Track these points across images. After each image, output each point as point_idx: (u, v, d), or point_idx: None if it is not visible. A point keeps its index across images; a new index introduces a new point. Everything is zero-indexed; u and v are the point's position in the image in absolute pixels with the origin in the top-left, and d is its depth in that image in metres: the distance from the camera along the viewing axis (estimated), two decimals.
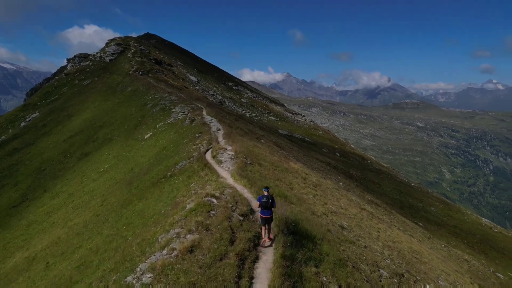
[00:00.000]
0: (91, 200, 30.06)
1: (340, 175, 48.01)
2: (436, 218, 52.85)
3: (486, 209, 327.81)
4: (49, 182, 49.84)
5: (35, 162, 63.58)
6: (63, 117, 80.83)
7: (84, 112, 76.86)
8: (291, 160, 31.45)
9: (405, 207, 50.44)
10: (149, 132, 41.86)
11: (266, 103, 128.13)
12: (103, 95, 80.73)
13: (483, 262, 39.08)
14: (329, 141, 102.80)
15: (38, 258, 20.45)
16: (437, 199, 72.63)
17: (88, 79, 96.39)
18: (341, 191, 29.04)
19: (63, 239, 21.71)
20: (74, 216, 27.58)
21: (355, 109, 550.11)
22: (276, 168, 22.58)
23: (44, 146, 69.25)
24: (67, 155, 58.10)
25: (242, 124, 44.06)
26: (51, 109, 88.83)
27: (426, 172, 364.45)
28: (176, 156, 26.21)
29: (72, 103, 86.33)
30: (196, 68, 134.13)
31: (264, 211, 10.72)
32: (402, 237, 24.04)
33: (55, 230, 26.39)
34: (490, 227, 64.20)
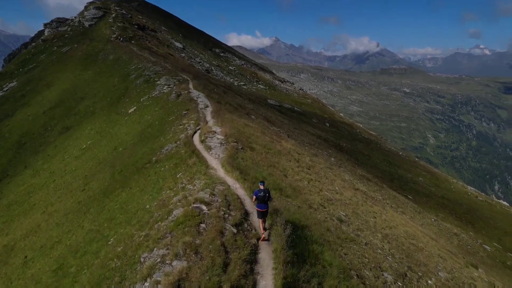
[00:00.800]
0: (73, 181, 28.60)
1: (331, 149, 47.24)
2: (425, 189, 53.16)
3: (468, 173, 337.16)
4: (29, 157, 47.86)
5: (15, 135, 61.03)
6: (42, 87, 77.23)
7: (64, 82, 73.38)
8: (283, 138, 30.23)
9: (395, 179, 50.40)
10: (133, 106, 39.83)
11: (254, 71, 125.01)
12: (83, 64, 76.94)
13: (471, 235, 39.57)
14: (318, 110, 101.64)
15: (17, 249, 19.25)
16: (424, 169, 73.22)
17: (67, 46, 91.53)
18: (334, 170, 28.19)
19: (43, 228, 20.46)
20: (55, 200, 26.21)
21: (343, 75, 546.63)
22: (268, 151, 21.36)
23: (24, 118, 66.37)
24: (48, 128, 55.74)
25: (231, 97, 42.29)
26: (29, 78, 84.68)
27: (411, 137, 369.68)
28: (161, 137, 24.69)
29: (51, 71, 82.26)
30: (182, 34, 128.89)
31: (260, 205, 10.69)
32: (397, 218, 23.52)
33: (35, 214, 25.07)
34: (476, 196, 65.34)
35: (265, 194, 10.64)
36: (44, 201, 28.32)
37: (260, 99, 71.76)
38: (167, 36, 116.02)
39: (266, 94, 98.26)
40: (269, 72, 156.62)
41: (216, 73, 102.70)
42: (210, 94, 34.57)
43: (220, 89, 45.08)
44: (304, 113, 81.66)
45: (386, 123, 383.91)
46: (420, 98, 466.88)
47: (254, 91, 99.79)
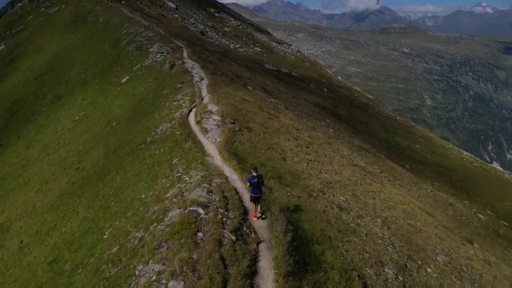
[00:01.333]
0: (67, 157, 28.09)
1: (329, 118, 46.61)
2: (421, 157, 53.26)
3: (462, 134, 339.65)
4: (22, 127, 46.96)
5: (6, 102, 59.67)
6: (31, 51, 74.62)
7: (53, 46, 70.80)
8: (281, 112, 29.49)
9: (392, 147, 50.28)
10: (125, 75, 38.52)
11: (251, 32, 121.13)
12: (73, 26, 73.91)
13: (465, 203, 40.07)
14: (316, 74, 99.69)
15: (12, 232, 19.08)
16: (421, 135, 73.10)
17: (55, 6, 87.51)
18: (333, 145, 27.77)
19: (38, 209, 20.19)
20: (49, 177, 25.83)
21: (341, 34, 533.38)
22: (266, 131, 20.76)
23: (14, 85, 64.61)
24: (39, 96, 54.35)
25: (227, 65, 40.90)
26: (17, 41, 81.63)
27: (408, 98, 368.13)
28: (156, 113, 23.92)
29: (39, 35, 79.16)
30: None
31: (254, 191, 11.12)
32: (395, 195, 23.45)
33: (30, 192, 24.77)
34: (471, 162, 65.78)
35: (258, 180, 11.10)
36: (39, 176, 27.94)
37: (257, 64, 69.93)
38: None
39: (263, 58, 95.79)
40: (266, 33, 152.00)
41: (211, 35, 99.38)
42: (205, 64, 33.29)
43: (216, 57, 43.54)
44: (302, 78, 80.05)
45: (383, 84, 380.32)
46: (419, 58, 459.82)
47: (251, 54, 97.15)
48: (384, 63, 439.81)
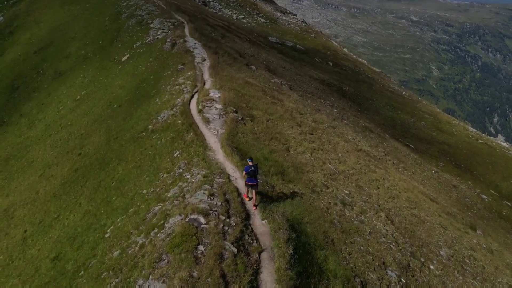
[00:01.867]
0: (69, 139, 27.92)
1: (334, 95, 45.82)
2: (426, 135, 52.72)
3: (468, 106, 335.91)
4: (24, 104, 46.62)
5: (7, 78, 59.06)
6: (30, 23, 73.09)
7: (53, 18, 69.18)
8: (285, 94, 28.87)
9: (397, 125, 49.70)
10: (126, 53, 37.65)
11: (254, 2, 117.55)
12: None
13: (469, 184, 39.95)
14: (321, 47, 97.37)
15: (16, 219, 19.21)
16: (427, 110, 72.11)
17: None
18: (337, 129, 27.35)
19: (41, 196, 20.23)
20: (52, 160, 25.77)
21: (348, 2, 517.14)
22: (269, 118, 20.32)
23: (15, 58, 63.73)
24: (40, 72, 53.63)
25: (230, 42, 39.79)
26: (15, 12, 79.77)
27: (415, 69, 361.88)
28: (157, 97, 23.45)
29: (38, 6, 77.20)
30: None
31: (250, 179, 11.51)
32: (399, 181, 23.27)
33: (33, 176, 24.81)
34: (476, 139, 65.16)
35: (254, 170, 11.46)
36: (42, 159, 27.90)
37: (261, 38, 68.22)
38: None
39: (267, 30, 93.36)
40: (270, 1, 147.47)
41: (213, 6, 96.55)
42: (207, 42, 32.32)
43: (218, 32, 42.31)
44: (306, 52, 78.27)
45: (390, 54, 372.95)
46: (427, 27, 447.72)
47: (254, 25, 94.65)
48: (391, 32, 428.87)
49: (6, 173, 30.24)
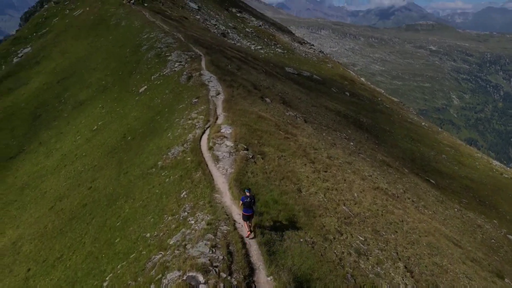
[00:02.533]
0: (82, 170, 27.97)
1: (351, 127, 45.05)
2: (448, 169, 50.91)
3: (491, 136, 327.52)
4: (44, 132, 47.65)
5: (30, 105, 60.97)
6: (56, 54, 76.08)
7: (77, 49, 71.87)
8: (299, 127, 28.39)
9: (416, 159, 48.22)
10: (143, 84, 38.26)
11: (272, 33, 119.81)
12: (96, 30, 74.77)
13: (495, 223, 37.87)
14: (338, 77, 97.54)
15: (22, 255, 18.91)
16: (448, 142, 70.18)
17: (79, 9, 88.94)
18: (353, 165, 26.48)
19: (49, 231, 19.98)
20: (63, 192, 25.73)
21: (366, 32, 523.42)
22: (282, 155, 19.75)
23: (39, 87, 66.00)
24: (62, 101, 55.11)
25: (246, 74, 40.00)
26: (43, 43, 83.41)
27: (435, 98, 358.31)
28: (169, 131, 23.31)
29: (64, 37, 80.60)
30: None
31: (246, 210, 11.79)
32: (419, 223, 22.03)
33: (44, 208, 24.73)
34: (501, 173, 62.61)
35: (250, 200, 11.79)
36: (55, 190, 27.95)
37: (278, 68, 68.78)
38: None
39: (284, 60, 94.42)
40: (288, 32, 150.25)
41: (232, 37, 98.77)
42: (223, 76, 32.47)
43: (235, 64, 42.72)
44: (323, 82, 78.34)
45: (408, 83, 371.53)
46: (446, 56, 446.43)
47: (272, 56, 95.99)
48: (410, 61, 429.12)
49: (20, 203, 30.40)
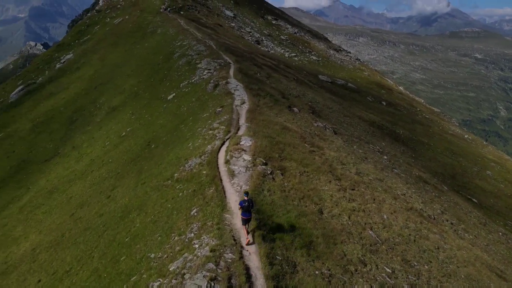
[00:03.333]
0: (106, 177, 27.93)
1: (385, 139, 42.71)
2: (493, 187, 47.03)
3: None
4: (78, 137, 48.91)
5: (69, 110, 63.11)
6: (96, 61, 78.70)
7: (115, 56, 73.98)
8: (327, 140, 26.86)
9: (457, 175, 44.91)
10: (172, 92, 38.18)
11: (307, 40, 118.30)
12: (133, 37, 76.75)
13: None
14: (375, 85, 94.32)
15: (37, 264, 18.77)
16: (494, 157, 65.31)
17: (119, 17, 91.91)
18: (385, 182, 24.57)
19: (65, 241, 19.77)
20: (86, 199, 25.71)
21: (406, 39, 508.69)
22: (304, 170, 18.41)
23: (77, 93, 68.31)
24: (97, 106, 56.55)
25: (275, 82, 38.95)
26: (84, 50, 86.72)
27: (480, 108, 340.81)
28: (190, 141, 22.62)
29: (103, 45, 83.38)
30: (233, 0, 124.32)
31: (245, 213, 12.04)
32: (457, 251, 19.83)
33: (66, 215, 24.75)
34: None
35: (248, 204, 12.06)
36: (79, 196, 28.09)
37: (311, 76, 67.25)
38: (218, 4, 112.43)
39: (318, 68, 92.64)
40: (324, 39, 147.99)
41: (266, 44, 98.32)
42: (250, 84, 31.58)
43: (264, 72, 41.80)
44: (358, 90, 75.79)
45: (451, 92, 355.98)
46: (493, 65, 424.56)
47: (306, 63, 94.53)
48: (453, 69, 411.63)
49: (47, 207, 30.90)
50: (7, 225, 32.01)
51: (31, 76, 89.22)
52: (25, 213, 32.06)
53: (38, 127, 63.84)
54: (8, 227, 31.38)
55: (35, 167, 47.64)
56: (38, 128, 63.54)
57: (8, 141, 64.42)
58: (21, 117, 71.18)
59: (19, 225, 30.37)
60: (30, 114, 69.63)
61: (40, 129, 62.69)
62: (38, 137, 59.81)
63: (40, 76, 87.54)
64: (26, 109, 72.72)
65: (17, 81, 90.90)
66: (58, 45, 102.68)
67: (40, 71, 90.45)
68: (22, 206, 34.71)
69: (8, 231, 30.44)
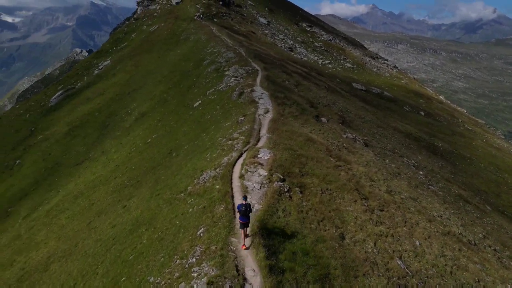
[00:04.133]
0: (127, 185, 27.53)
1: (422, 153, 39.93)
2: None
3: None
4: (108, 142, 49.55)
5: (102, 115, 64.48)
6: (131, 67, 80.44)
7: (149, 62, 75.23)
8: (356, 153, 25.03)
9: (502, 193, 41.16)
10: (198, 99, 37.63)
11: (342, 47, 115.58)
12: (167, 44, 77.85)
13: None
14: (413, 94, 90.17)
15: (47, 275, 18.34)
16: None
17: (155, 25, 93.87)
18: (419, 201, 22.39)
19: (77, 251, 19.24)
20: (105, 207, 25.33)
21: (449, 46, 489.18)
22: (327, 188, 16.82)
23: (112, 98, 69.81)
24: (128, 111, 57.30)
25: (304, 90, 37.44)
26: (120, 57, 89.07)
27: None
28: (209, 152, 21.63)
29: (139, 51, 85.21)
30: (268, 8, 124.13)
31: (242, 218, 11.83)
32: (500, 283, 17.40)
33: (84, 223, 24.44)
34: None
35: (246, 209, 11.85)
36: (100, 203, 27.84)
37: (344, 84, 65.00)
38: (252, 11, 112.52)
39: (353, 75, 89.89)
40: (360, 46, 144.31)
41: (299, 51, 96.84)
42: (276, 92, 30.29)
43: (293, 80, 40.38)
44: (394, 100, 72.47)
45: (497, 102, 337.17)
46: None
47: (340, 71, 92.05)
48: (499, 78, 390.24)
49: (71, 212, 30.96)
50: (33, 228, 32.45)
51: (70, 81, 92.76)
52: (51, 217, 32.34)
53: (73, 131, 65.66)
54: (33, 230, 31.77)
55: (66, 171, 48.67)
56: (74, 132, 65.35)
57: (45, 143, 66.81)
58: (59, 120, 73.79)
59: (43, 229, 30.61)
60: (67, 118, 71.95)
61: (75, 133, 64.42)
62: (73, 141, 61.43)
63: (79, 81, 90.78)
64: (64, 113, 75.32)
65: (58, 86, 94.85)
66: (97, 51, 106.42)
67: (79, 77, 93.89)
68: (49, 210, 35.16)
69: (32, 234, 30.77)
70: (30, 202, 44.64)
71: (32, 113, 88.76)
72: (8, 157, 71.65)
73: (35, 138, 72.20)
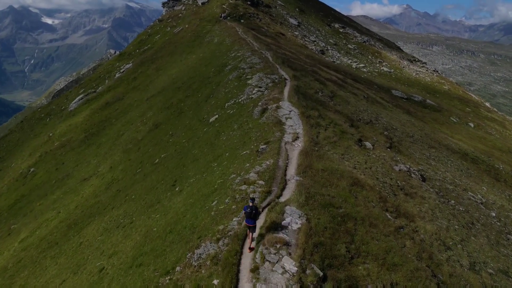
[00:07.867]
0: (120, 224, 22.21)
1: (485, 181, 32.64)
2: None
3: None
4: (117, 156, 44.89)
5: (119, 122, 60.38)
6: (152, 71, 76.32)
7: (171, 66, 70.69)
8: (416, 196, 18.56)
9: None
10: (216, 113, 32.04)
11: (378, 50, 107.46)
12: (190, 46, 73.08)
13: None
14: (457, 101, 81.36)
15: None
16: None
17: (179, 26, 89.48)
18: (511, 274, 15.69)
19: None
20: (94, 244, 20.07)
21: (487, 48, 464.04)
22: (392, 282, 10.62)
23: (130, 103, 65.79)
24: (144, 121, 52.65)
25: (341, 103, 31.07)
26: (142, 60, 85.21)
27: None
28: (217, 198, 15.85)
29: (161, 54, 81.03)
30: (298, 8, 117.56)
31: (248, 220, 11.45)
32: None
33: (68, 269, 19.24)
34: None
35: (251, 211, 11.27)
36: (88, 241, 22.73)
37: (383, 92, 57.79)
38: (282, 12, 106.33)
39: (391, 80, 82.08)
40: (397, 49, 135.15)
41: (332, 54, 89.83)
42: (307, 110, 24.09)
43: (328, 90, 34.06)
44: (439, 109, 64.38)
45: None
46: None
47: (376, 75, 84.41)
48: None
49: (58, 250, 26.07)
50: (20, 262, 27.90)
51: (92, 85, 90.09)
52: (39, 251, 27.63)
53: (89, 139, 61.91)
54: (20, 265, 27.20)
55: (73, 186, 44.41)
56: (89, 140, 61.56)
57: (61, 151, 63.50)
58: (76, 126, 70.53)
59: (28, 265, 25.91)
60: (85, 124, 68.50)
61: (90, 141, 60.57)
62: (86, 150, 57.47)
63: (100, 85, 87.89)
64: (82, 119, 71.98)
65: (79, 89, 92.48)
66: (120, 54, 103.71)
67: (101, 80, 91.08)
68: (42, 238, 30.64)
69: (16, 272, 26.17)
70: (32, 222, 40.65)
71: (53, 117, 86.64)
72: (24, 164, 69.05)
73: (52, 144, 69.21)
